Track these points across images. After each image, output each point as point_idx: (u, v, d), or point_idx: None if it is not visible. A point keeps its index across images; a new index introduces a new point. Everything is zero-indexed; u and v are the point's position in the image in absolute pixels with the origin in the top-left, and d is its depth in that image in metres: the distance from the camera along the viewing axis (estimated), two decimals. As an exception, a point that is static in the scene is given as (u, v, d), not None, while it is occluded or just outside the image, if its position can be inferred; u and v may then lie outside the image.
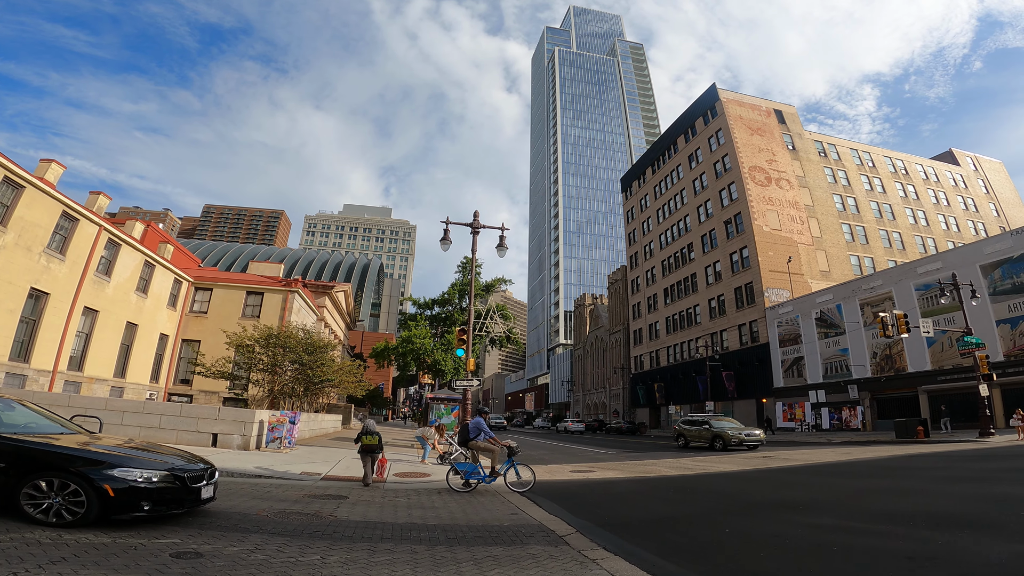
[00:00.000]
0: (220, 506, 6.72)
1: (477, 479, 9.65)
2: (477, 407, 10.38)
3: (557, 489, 10.55)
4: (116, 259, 25.82)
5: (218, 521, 5.94)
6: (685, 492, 10.40)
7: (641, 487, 11.18)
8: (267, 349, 18.37)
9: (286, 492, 8.38)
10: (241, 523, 5.95)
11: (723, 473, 13.35)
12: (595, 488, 10.98)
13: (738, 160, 54.77)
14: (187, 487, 5.73)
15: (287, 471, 10.35)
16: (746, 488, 10.90)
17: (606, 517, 7.44)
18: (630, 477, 12.69)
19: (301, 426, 19.32)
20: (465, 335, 16.48)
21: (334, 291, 40.77)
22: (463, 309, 35.00)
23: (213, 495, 6.29)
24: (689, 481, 12.08)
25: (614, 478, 12.55)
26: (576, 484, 11.56)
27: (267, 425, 13.78)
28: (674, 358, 62.28)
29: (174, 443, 13.03)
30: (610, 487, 11.10)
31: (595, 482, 11.87)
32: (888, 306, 37.27)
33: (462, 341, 16.51)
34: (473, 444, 9.85)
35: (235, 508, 6.74)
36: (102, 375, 24.45)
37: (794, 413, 43.23)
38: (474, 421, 9.91)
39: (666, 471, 14.00)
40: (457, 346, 16.50)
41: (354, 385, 23.36)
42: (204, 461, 6.46)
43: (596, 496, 9.93)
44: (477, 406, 10.33)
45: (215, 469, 6.47)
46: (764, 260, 49.64)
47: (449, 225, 18.57)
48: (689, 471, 13.88)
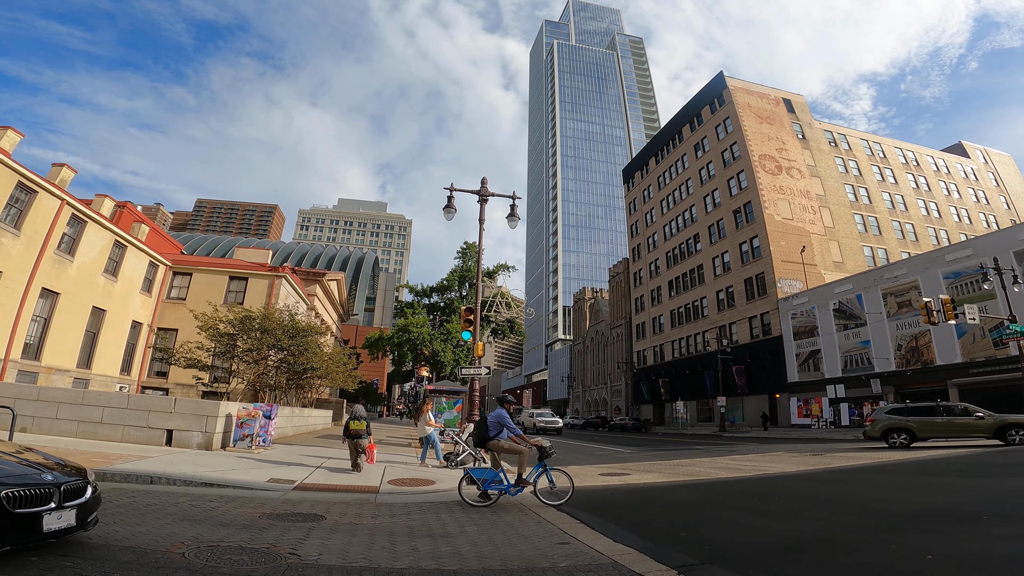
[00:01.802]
0: (110, 536, 4.36)
1: (499, 489, 7.34)
2: (500, 396, 8.08)
3: (598, 499, 8.27)
4: (81, 237, 23.31)
5: (81, 568, 3.59)
6: (772, 500, 8.12)
7: (705, 495, 8.89)
8: (244, 333, 15.84)
9: (238, 509, 6.03)
10: (125, 571, 3.61)
11: (790, 474, 11.11)
12: (646, 497, 8.69)
13: (748, 148, 52.64)
14: (6, 514, 3.40)
15: (249, 479, 8.02)
16: (849, 492, 8.68)
17: (699, 543, 5.18)
18: (680, 481, 10.40)
19: (282, 422, 16.96)
20: (472, 315, 14.15)
21: (326, 279, 38.30)
22: (463, 297, 32.64)
23: (78, 523, 3.91)
24: (758, 485, 9.86)
25: (660, 483, 10.27)
26: (618, 492, 9.26)
27: (235, 420, 11.44)
28: (680, 352, 60.17)
29: (119, 441, 10.66)
30: (664, 495, 8.80)
31: (639, 489, 9.57)
32: (914, 295, 35.25)
33: (468, 322, 14.18)
34: (494, 444, 7.56)
35: (133, 540, 4.37)
36: (63, 365, 21.96)
37: (810, 409, 41.13)
38: (495, 414, 7.62)
39: (716, 472, 11.75)
40: (463, 328, 14.17)
41: (344, 376, 20.98)
42: (69, 470, 4.12)
43: (655, 508, 7.63)
44: (500, 396, 7.94)
45: (85, 483, 4.10)
46: (776, 250, 47.55)
47: (453, 192, 16.28)
48: (744, 472, 11.62)
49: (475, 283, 34.03)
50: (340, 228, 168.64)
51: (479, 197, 16.52)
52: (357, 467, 10.05)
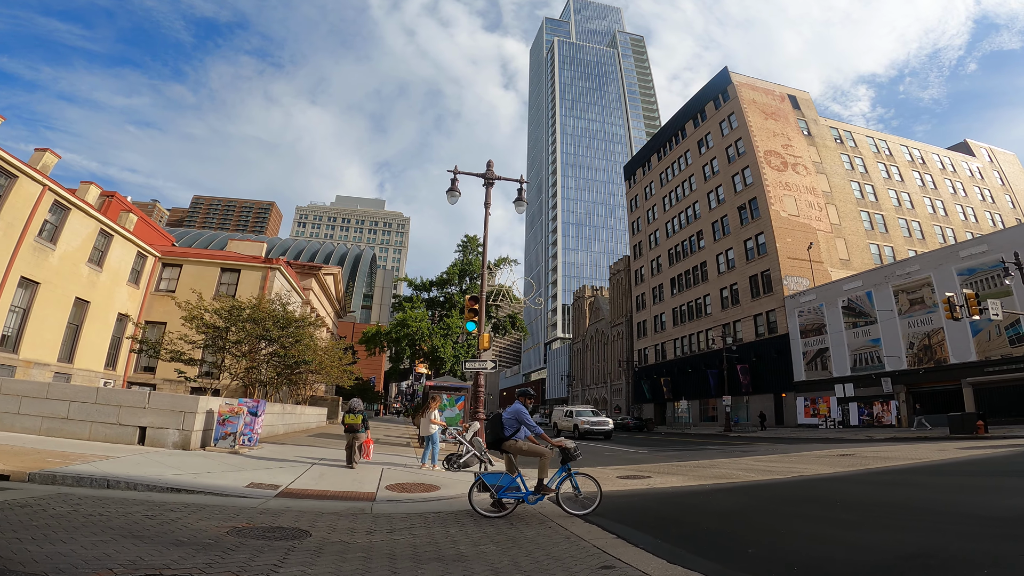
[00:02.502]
0: (14, 558, 3.22)
1: (515, 497, 6.29)
2: (520, 391, 7.00)
3: (627, 507, 7.23)
4: (64, 224, 22.16)
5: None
6: (834, 507, 7.07)
7: (750, 501, 7.83)
8: (232, 323, 14.65)
9: (204, 522, 4.97)
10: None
11: (833, 476, 10.09)
12: (684, 504, 7.64)
13: (753, 144, 51.71)
14: None
15: (225, 483, 6.95)
16: (920, 496, 7.68)
17: (778, 563, 4.15)
18: (711, 485, 9.35)
19: (272, 419, 15.88)
20: (477, 304, 13.09)
21: (322, 273, 37.21)
22: (464, 291, 31.56)
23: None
24: (804, 489, 8.85)
25: (689, 487, 9.22)
26: (648, 498, 8.21)
27: (217, 417, 10.35)
28: (682, 351, 59.24)
29: (86, 439, 9.58)
30: (703, 502, 7.76)
31: (670, 494, 8.53)
32: (927, 292, 34.35)
33: (473, 312, 13.12)
34: (511, 445, 6.52)
35: (43, 564, 3.24)
36: (44, 359, 20.82)
37: (817, 408, 40.20)
38: (512, 411, 6.58)
39: (745, 474, 10.72)
40: (467, 318, 13.11)
41: (339, 371, 19.88)
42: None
43: (701, 518, 6.58)
44: (521, 390, 6.86)
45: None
46: (782, 246, 46.62)
47: (458, 175, 15.28)
48: (777, 475, 10.58)
49: (477, 276, 33.01)
50: (338, 225, 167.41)
51: (484, 180, 15.59)
52: (351, 462, 9.90)
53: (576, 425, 29.37)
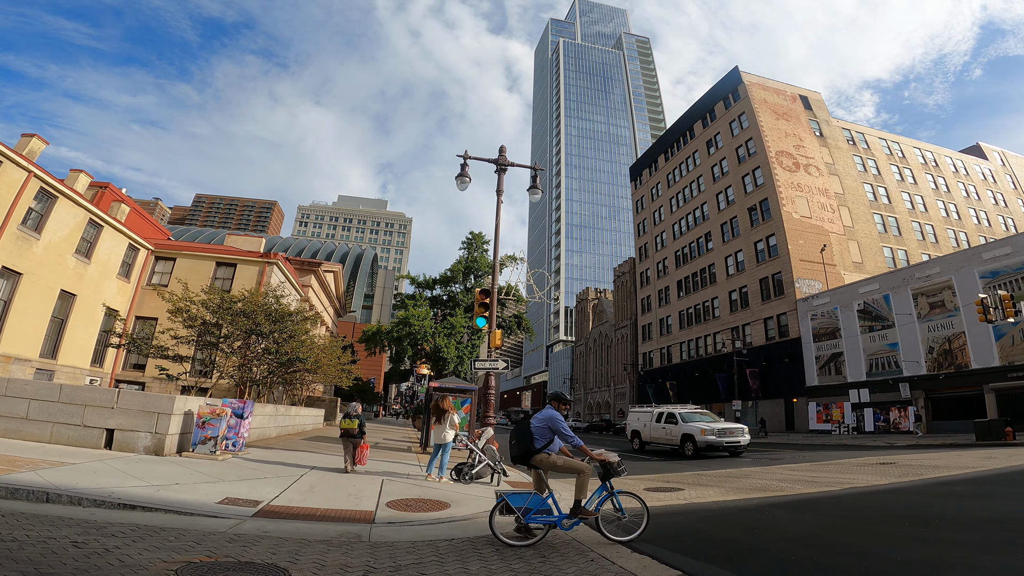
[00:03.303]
0: None
1: (546, 522, 5.14)
2: (553, 393, 5.79)
3: (674, 529, 6.07)
4: (50, 213, 21.06)
5: None
6: (936, 526, 5.87)
7: (818, 519, 6.60)
8: (219, 315, 13.41)
9: (145, 554, 3.80)
10: None
11: (898, 488, 8.88)
12: (741, 524, 6.43)
13: (764, 144, 50.58)
14: None
15: (194, 498, 5.80)
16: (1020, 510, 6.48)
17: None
18: (760, 499, 8.16)
19: (263, 421, 14.71)
20: (488, 298, 11.95)
21: (322, 270, 36.10)
22: (468, 289, 30.40)
23: None
24: (873, 502, 7.67)
25: (735, 501, 8.04)
26: (695, 516, 7.02)
27: (196, 418, 9.18)
28: (688, 355, 58.01)
29: (46, 441, 8.43)
30: (763, 521, 6.54)
31: (718, 511, 7.34)
32: (947, 295, 33.17)
33: (484, 306, 11.96)
34: (542, 460, 5.38)
35: None
36: (24, 354, 19.69)
37: (830, 414, 38.95)
38: (543, 417, 5.48)
39: (790, 486, 9.51)
40: (477, 313, 11.96)
41: (337, 371, 18.71)
42: None
43: (769, 542, 5.39)
44: (553, 392, 5.66)
45: None
46: (794, 248, 45.44)
47: (468, 160, 14.23)
48: (827, 486, 9.34)
49: (482, 274, 31.83)
50: (339, 225, 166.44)
51: (497, 167, 14.56)
52: (346, 468, 9.53)
53: (690, 436, 18.68)
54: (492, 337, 11.38)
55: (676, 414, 21.28)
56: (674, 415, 21.30)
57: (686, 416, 21.06)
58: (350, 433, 9.80)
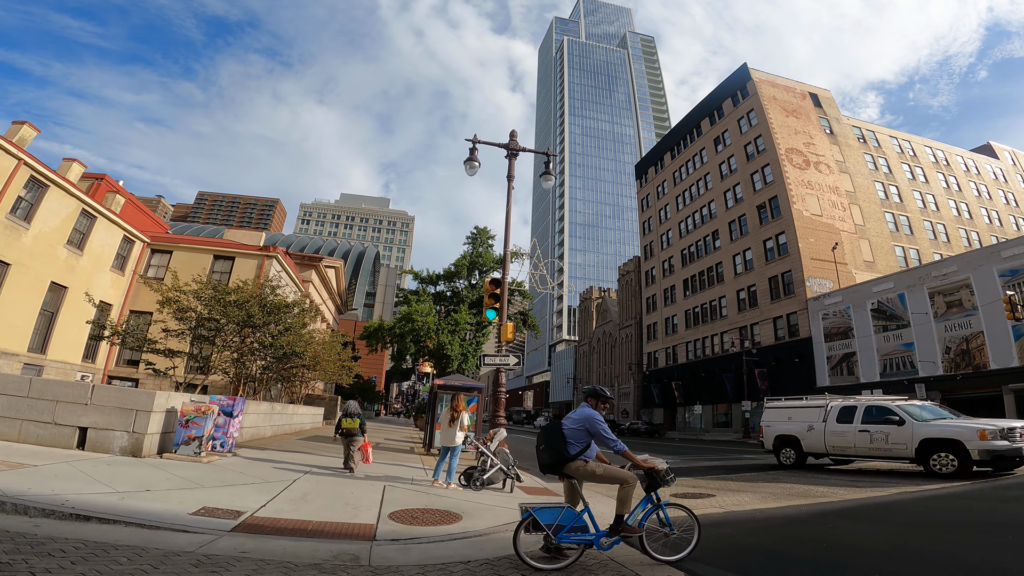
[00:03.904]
0: None
1: (581, 541, 4.30)
2: (589, 389, 4.99)
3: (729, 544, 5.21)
4: (40, 202, 20.31)
5: None
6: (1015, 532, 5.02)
7: (888, 527, 5.74)
8: (211, 306, 12.51)
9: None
10: None
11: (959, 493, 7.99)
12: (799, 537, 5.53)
13: (774, 141, 49.65)
14: None
15: (164, 508, 4.97)
16: None
17: None
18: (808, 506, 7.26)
19: (257, 420, 13.88)
20: (498, 288, 11.11)
21: (323, 265, 35.31)
22: (473, 285, 29.56)
23: None
24: (936, 507, 6.78)
25: (781, 509, 7.16)
26: (743, 527, 6.13)
27: (179, 417, 8.34)
28: (695, 355, 57.09)
29: (14, 440, 7.62)
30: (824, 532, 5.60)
31: (765, 521, 6.44)
32: (965, 294, 32.24)
33: (494, 297, 11.13)
34: (578, 468, 4.53)
35: None
36: (12, 348, 18.92)
37: (842, 417, 38.01)
38: (578, 418, 4.66)
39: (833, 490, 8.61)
40: (487, 305, 11.12)
41: (336, 367, 17.88)
42: None
43: (844, 558, 4.51)
44: (590, 388, 4.78)
45: None
46: (805, 247, 44.52)
47: (478, 145, 13.48)
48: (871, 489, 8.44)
49: (488, 270, 31.01)
50: (342, 223, 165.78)
51: (508, 152, 13.81)
52: (349, 468, 9.36)
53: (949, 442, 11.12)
54: (503, 331, 10.55)
55: (892, 407, 12.79)
56: (889, 409, 12.72)
57: (914, 411, 12.53)
58: (351, 432, 9.65)
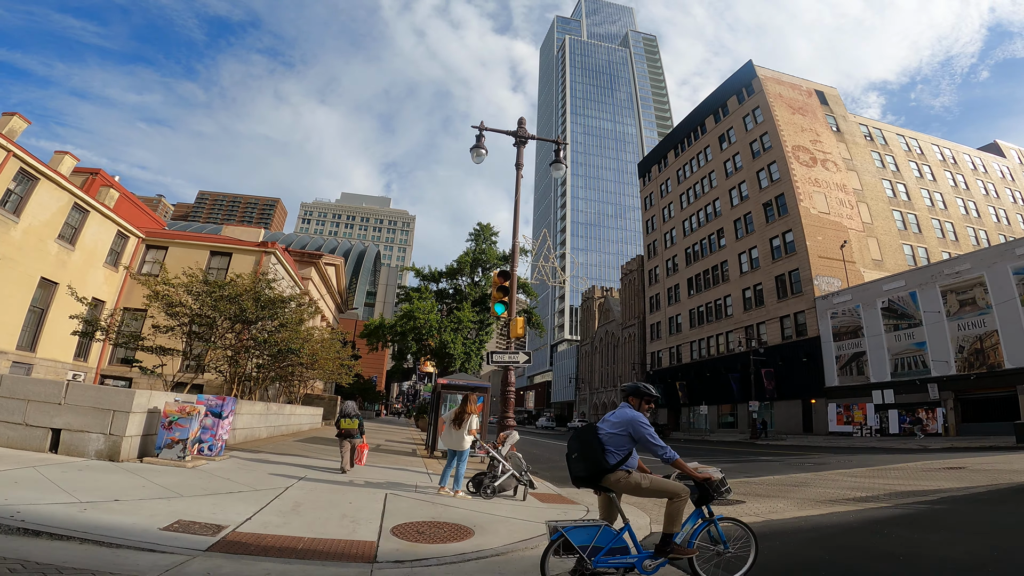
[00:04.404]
0: None
1: (621, 564, 3.63)
2: (631, 387, 4.30)
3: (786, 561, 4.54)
4: (30, 196, 19.68)
5: None
6: None
7: (961, 537, 5.08)
8: (201, 299, 11.76)
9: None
10: None
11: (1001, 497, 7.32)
12: (864, 549, 4.84)
13: (781, 138, 48.98)
14: None
15: (132, 521, 4.30)
16: None
17: None
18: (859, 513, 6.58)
19: (253, 421, 13.22)
20: (507, 280, 10.44)
21: (322, 262, 34.65)
22: (476, 283, 28.89)
23: None
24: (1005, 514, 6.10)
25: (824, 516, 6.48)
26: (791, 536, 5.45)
27: (162, 417, 7.63)
28: (699, 354, 56.40)
29: (-21, 444, 6.93)
30: (911, 545, 4.88)
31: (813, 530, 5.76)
32: (979, 292, 31.55)
33: (503, 291, 10.46)
34: (620, 481, 3.83)
35: None
36: (1, 346, 18.28)
37: (851, 415, 37.34)
38: (619, 420, 3.99)
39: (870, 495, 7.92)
40: (495, 299, 10.45)
41: (335, 366, 17.19)
42: None
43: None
44: (631, 385, 4.07)
45: None
46: (813, 245, 43.84)
47: (484, 132, 12.88)
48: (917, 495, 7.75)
49: (491, 267, 30.32)
50: (342, 223, 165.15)
51: (516, 139, 13.19)
52: (343, 470, 9.26)
53: None
54: (513, 326, 9.87)
55: None
56: None
57: None
58: (350, 433, 9.51)
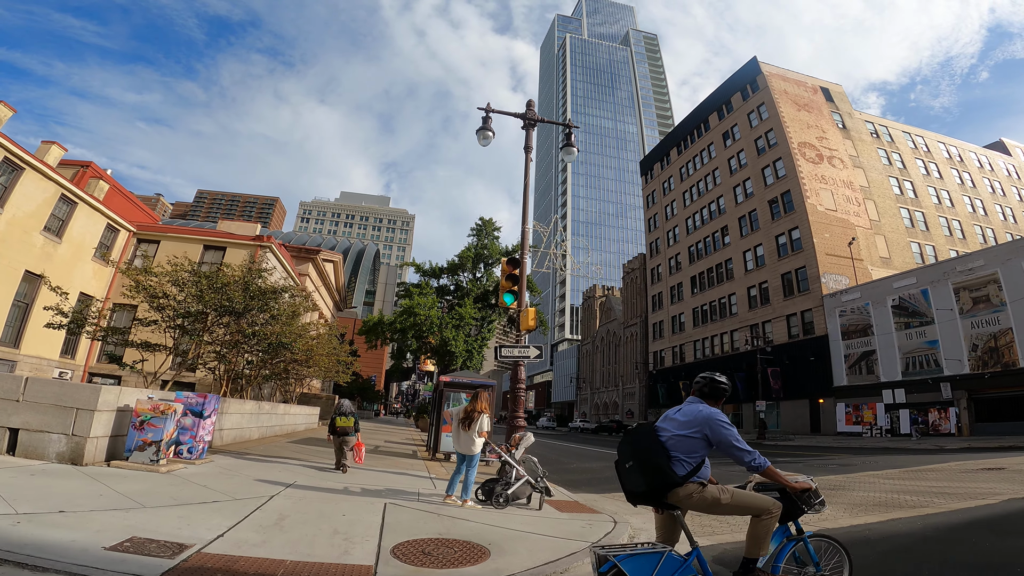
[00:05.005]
0: None
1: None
2: (707, 379, 3.32)
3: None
4: (14, 186, 18.85)
5: None
6: None
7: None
8: (186, 288, 10.85)
9: None
10: None
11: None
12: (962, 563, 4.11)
13: (786, 135, 48.22)
14: None
15: (72, 537, 3.46)
16: None
17: None
18: (933, 519, 5.75)
19: (243, 421, 12.40)
20: (517, 268, 9.63)
21: (320, 258, 33.81)
22: (478, 279, 28.07)
23: None
24: None
25: (898, 524, 5.65)
26: (873, 551, 4.65)
27: (133, 416, 6.79)
28: (703, 353, 55.61)
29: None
30: (977, 555, 4.18)
31: (894, 539, 4.93)
32: (993, 289, 30.79)
33: (512, 279, 9.64)
34: (690, 497, 2.91)
35: None
36: (-19, 341, 17.47)
37: (861, 415, 36.55)
38: (689, 419, 3.07)
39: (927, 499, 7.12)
40: (504, 288, 9.64)
41: (331, 363, 16.33)
42: None
43: None
44: (706, 378, 3.18)
45: None
46: (820, 242, 43.06)
47: (491, 114, 12.16)
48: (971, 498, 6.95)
49: (493, 262, 29.52)
50: (341, 221, 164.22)
51: (524, 121, 12.46)
52: (343, 468, 9.23)
53: None
54: (524, 317, 9.06)
55: None
56: None
57: None
58: (345, 431, 9.39)
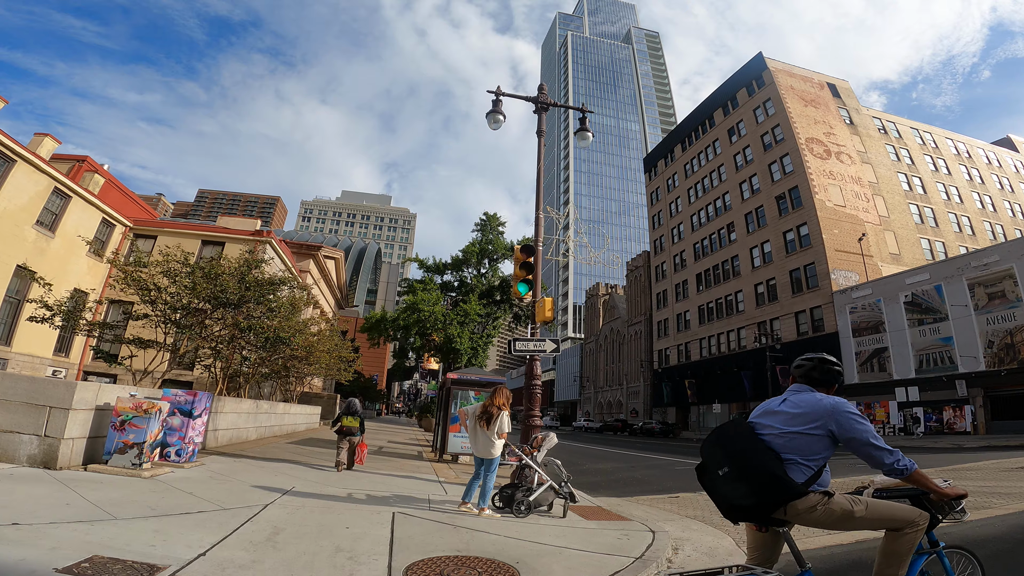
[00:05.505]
0: None
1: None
2: (817, 361, 2.54)
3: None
4: (5, 178, 18.23)
5: None
6: None
7: None
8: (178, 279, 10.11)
9: None
10: None
11: None
12: None
13: (793, 130, 47.54)
14: None
15: (18, 557, 2.83)
16: None
17: None
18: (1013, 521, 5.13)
19: (239, 420, 11.77)
20: (532, 256, 8.97)
21: (322, 255, 33.18)
22: (483, 275, 27.40)
23: None
24: None
25: (977, 527, 5.03)
26: None
27: (113, 416, 6.14)
28: (709, 351, 54.94)
29: None
30: None
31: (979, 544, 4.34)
32: (1008, 285, 30.11)
33: (526, 267, 8.98)
34: (811, 509, 2.16)
35: None
36: (-30, 338, 16.87)
37: (873, 414, 35.90)
38: (801, 410, 2.36)
39: (1001, 501, 6.46)
40: (518, 278, 8.98)
41: (330, 360, 15.69)
42: None
43: None
44: (814, 359, 2.45)
45: None
46: (829, 238, 42.37)
47: (501, 97, 11.56)
48: None
49: (498, 258, 28.87)
50: (343, 220, 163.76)
51: (536, 105, 11.87)
52: (346, 466, 9.22)
53: None
54: (540, 308, 8.42)
55: None
56: None
57: None
58: (351, 431, 9.27)
